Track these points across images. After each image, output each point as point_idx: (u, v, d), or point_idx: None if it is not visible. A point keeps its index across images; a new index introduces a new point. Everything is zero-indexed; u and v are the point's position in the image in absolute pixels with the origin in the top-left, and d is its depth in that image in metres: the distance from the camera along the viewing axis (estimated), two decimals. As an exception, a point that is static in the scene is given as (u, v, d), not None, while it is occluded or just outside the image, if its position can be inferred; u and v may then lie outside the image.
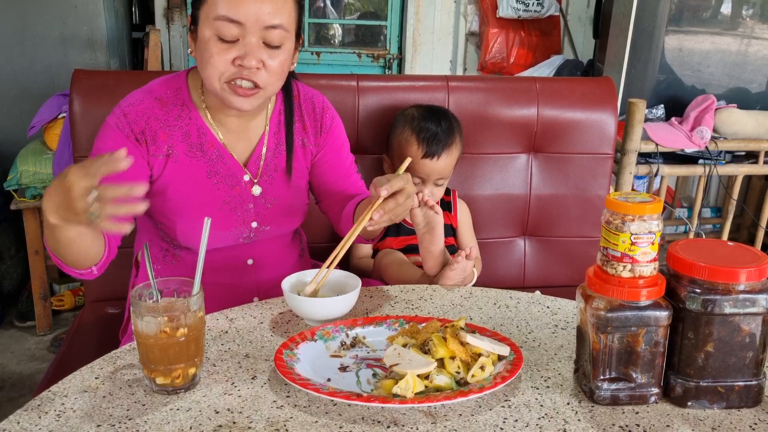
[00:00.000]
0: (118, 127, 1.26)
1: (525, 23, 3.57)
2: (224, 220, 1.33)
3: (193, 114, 1.30)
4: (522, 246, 1.90)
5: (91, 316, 1.66)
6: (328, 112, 1.42)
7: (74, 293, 2.81)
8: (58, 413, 0.88)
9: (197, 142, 1.31)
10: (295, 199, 1.41)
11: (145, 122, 1.26)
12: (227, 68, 1.18)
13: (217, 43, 1.17)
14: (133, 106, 1.27)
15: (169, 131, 1.29)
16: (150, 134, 1.27)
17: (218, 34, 1.17)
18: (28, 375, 2.39)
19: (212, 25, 1.16)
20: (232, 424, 0.87)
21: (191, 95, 1.31)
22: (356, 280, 1.20)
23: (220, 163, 1.32)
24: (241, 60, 1.17)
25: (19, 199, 2.51)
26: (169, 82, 1.32)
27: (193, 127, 1.30)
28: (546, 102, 1.81)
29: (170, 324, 0.91)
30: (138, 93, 1.30)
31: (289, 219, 1.41)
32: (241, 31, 1.16)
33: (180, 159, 1.30)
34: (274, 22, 1.17)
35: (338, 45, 3.96)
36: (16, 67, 2.88)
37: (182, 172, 1.30)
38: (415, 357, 0.96)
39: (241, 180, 1.34)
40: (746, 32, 2.88)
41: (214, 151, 1.32)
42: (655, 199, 0.90)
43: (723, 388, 0.92)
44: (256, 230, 1.37)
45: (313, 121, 1.40)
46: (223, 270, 1.38)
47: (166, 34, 3.46)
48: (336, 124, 1.43)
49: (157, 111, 1.28)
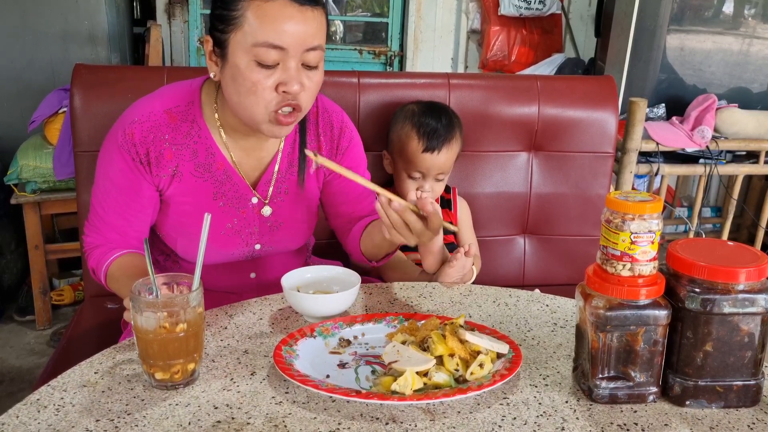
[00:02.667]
0: (124, 149, 1.21)
1: (526, 21, 3.57)
2: (226, 242, 1.30)
3: (203, 132, 1.25)
4: (522, 244, 1.90)
5: (90, 311, 1.66)
6: (346, 132, 1.36)
7: (74, 288, 2.81)
8: (57, 408, 0.88)
9: (205, 162, 1.25)
10: (303, 220, 1.37)
11: (151, 142, 1.21)
12: (272, 97, 1.13)
13: (256, 70, 1.11)
14: (139, 123, 1.21)
15: (176, 150, 1.23)
16: (155, 155, 1.22)
17: (258, 60, 1.10)
18: (27, 369, 2.39)
19: (250, 52, 1.10)
20: (231, 419, 0.87)
21: (203, 111, 1.25)
22: (356, 277, 1.20)
23: (228, 185, 1.28)
24: (284, 86, 1.12)
25: (20, 194, 2.51)
26: (181, 93, 1.26)
27: (201, 146, 1.25)
28: (547, 100, 1.81)
29: (169, 319, 0.91)
30: (146, 104, 1.23)
31: (294, 240, 1.38)
32: (281, 56, 1.11)
33: (185, 179, 1.25)
34: (315, 44, 1.13)
35: (339, 41, 3.95)
36: (17, 62, 2.88)
37: (187, 192, 1.26)
38: (413, 354, 0.96)
39: (248, 203, 1.30)
40: (748, 32, 2.87)
41: (222, 172, 1.27)
42: (655, 198, 0.90)
43: (721, 387, 0.92)
44: (259, 251, 1.35)
45: (329, 141, 1.34)
46: (225, 283, 1.37)
47: (167, 29, 3.46)
48: (354, 145, 1.37)
49: (164, 129, 1.22)
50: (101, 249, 1.27)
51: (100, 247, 1.27)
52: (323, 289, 1.21)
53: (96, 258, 1.27)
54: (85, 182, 1.62)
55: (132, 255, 1.25)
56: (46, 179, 2.49)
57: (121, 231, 1.27)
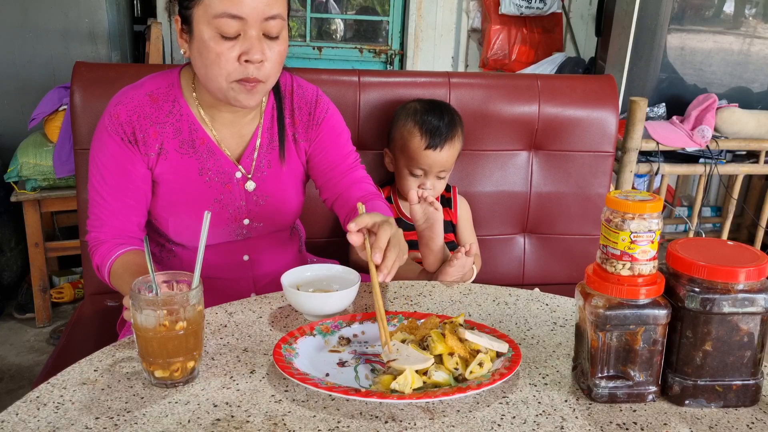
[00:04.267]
0: (111, 131, 1.25)
1: (527, 20, 3.56)
2: (216, 217, 1.33)
3: (184, 110, 1.29)
4: (522, 243, 1.90)
5: (90, 308, 1.67)
6: (320, 104, 1.39)
7: (74, 285, 2.81)
8: (56, 405, 0.88)
9: (189, 138, 1.30)
10: (288, 195, 1.39)
11: (136, 121, 1.25)
12: (234, 67, 1.17)
13: (219, 42, 1.16)
14: (122, 104, 1.26)
15: (160, 128, 1.27)
16: (141, 134, 1.26)
17: (219, 31, 1.15)
18: (27, 367, 2.39)
19: (211, 24, 1.15)
20: (230, 417, 0.87)
21: (183, 91, 1.30)
22: (355, 276, 1.20)
23: (212, 160, 1.31)
24: (246, 55, 1.16)
25: (20, 191, 2.51)
26: (161, 78, 1.31)
27: (184, 123, 1.29)
28: (547, 99, 1.81)
29: (169, 317, 0.91)
30: (129, 90, 1.29)
31: (281, 216, 1.40)
32: (241, 26, 1.15)
33: (171, 156, 1.29)
34: (273, 12, 1.16)
35: (340, 40, 3.95)
36: (18, 60, 2.88)
37: (174, 169, 1.30)
38: (412, 353, 0.96)
39: (233, 177, 1.33)
40: (748, 32, 2.87)
41: (206, 148, 1.31)
42: (655, 197, 0.90)
43: (721, 387, 0.92)
44: (248, 227, 1.37)
45: (305, 115, 1.37)
46: (219, 266, 1.38)
47: (167, 27, 3.46)
48: (330, 116, 1.40)
49: (147, 108, 1.27)
50: (106, 246, 1.28)
51: (105, 243, 1.28)
52: (323, 287, 1.21)
53: (101, 255, 1.28)
54: (85, 180, 1.61)
55: (135, 252, 1.26)
56: (46, 177, 2.49)
57: (121, 217, 1.29)
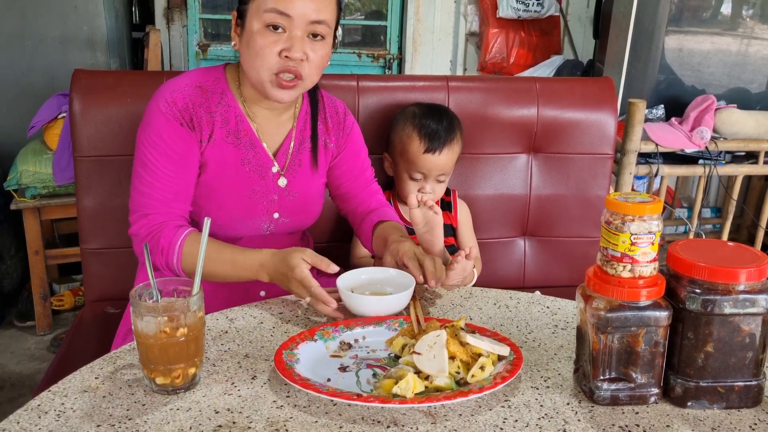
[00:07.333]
0: (170, 116, 1.29)
1: (525, 23, 3.57)
2: (252, 208, 1.39)
3: (231, 102, 1.36)
4: (522, 246, 1.90)
5: (90, 316, 1.66)
6: (348, 116, 1.50)
7: (74, 293, 2.81)
8: (57, 413, 0.88)
9: (235, 128, 1.36)
10: (313, 197, 1.46)
11: (192, 108, 1.31)
12: (275, 60, 1.25)
13: (265, 34, 1.24)
14: (179, 92, 1.31)
15: (211, 117, 1.33)
16: (197, 120, 1.32)
17: (266, 24, 1.24)
18: (27, 375, 2.39)
19: (261, 17, 1.24)
20: (232, 424, 0.87)
21: (229, 85, 1.37)
22: (410, 279, 1.20)
23: (252, 152, 1.37)
24: (288, 52, 1.24)
25: (19, 199, 2.51)
26: (207, 72, 1.37)
27: (231, 114, 1.36)
28: (546, 102, 1.81)
29: (170, 324, 0.91)
30: (178, 81, 1.34)
31: (307, 214, 1.47)
32: (288, 24, 1.24)
33: (218, 144, 1.34)
34: (320, 17, 1.25)
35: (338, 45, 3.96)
36: (16, 67, 2.88)
37: (219, 158, 1.35)
38: (440, 358, 0.95)
39: (269, 170, 1.39)
40: (746, 32, 2.88)
41: (248, 140, 1.37)
42: (654, 199, 0.90)
43: (723, 388, 0.92)
44: (276, 221, 1.42)
45: (336, 123, 1.47)
46: None
47: (166, 34, 3.46)
48: (356, 129, 1.51)
49: (199, 98, 1.33)
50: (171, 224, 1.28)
51: (168, 223, 1.29)
52: (377, 290, 1.23)
53: (167, 236, 1.27)
54: (85, 187, 1.62)
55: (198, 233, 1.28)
56: (46, 184, 2.49)
57: (168, 202, 1.30)
